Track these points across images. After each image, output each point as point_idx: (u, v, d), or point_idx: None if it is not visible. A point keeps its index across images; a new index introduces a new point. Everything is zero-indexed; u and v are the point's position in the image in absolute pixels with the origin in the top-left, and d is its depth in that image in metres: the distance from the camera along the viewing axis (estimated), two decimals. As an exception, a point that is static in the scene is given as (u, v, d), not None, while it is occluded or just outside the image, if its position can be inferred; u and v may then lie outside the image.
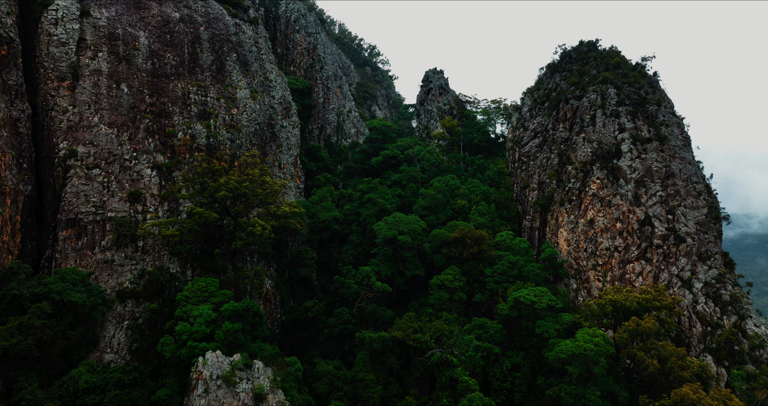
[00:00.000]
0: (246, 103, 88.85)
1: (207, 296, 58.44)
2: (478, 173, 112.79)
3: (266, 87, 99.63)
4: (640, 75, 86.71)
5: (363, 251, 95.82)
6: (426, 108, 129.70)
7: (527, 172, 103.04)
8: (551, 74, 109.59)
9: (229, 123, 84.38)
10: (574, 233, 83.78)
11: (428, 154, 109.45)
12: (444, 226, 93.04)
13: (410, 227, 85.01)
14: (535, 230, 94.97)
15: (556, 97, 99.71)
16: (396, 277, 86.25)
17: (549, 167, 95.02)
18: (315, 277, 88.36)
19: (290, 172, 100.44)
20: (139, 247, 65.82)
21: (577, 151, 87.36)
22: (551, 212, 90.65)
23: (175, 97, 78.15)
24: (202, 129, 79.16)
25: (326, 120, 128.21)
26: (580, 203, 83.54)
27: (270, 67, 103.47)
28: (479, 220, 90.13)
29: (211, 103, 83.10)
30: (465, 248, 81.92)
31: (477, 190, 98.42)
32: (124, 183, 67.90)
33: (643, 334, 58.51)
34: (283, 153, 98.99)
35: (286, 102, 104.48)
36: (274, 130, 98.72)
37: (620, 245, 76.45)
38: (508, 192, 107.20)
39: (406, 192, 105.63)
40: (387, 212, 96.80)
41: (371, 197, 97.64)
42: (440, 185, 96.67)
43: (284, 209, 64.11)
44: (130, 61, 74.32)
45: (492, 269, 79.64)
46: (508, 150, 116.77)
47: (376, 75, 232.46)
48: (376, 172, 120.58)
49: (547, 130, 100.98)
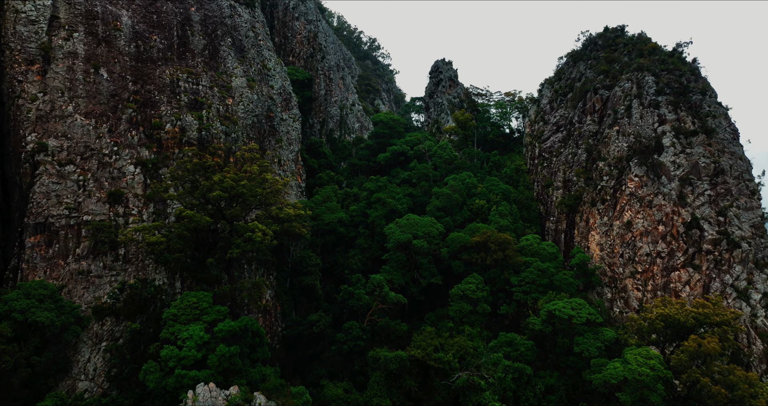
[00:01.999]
0: (242, 92, 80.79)
1: (198, 313, 50.46)
2: (494, 171, 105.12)
3: (264, 76, 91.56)
4: (679, 61, 79.19)
5: (372, 257, 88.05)
6: (436, 101, 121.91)
7: (550, 169, 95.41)
8: (574, 63, 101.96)
9: (224, 114, 76.32)
10: (609, 236, 76.20)
11: (440, 150, 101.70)
12: (462, 229, 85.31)
13: (426, 230, 77.23)
14: (561, 233, 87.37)
15: (582, 88, 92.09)
16: (410, 286, 78.47)
17: (576, 164, 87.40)
18: (320, 286, 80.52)
19: (291, 170, 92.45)
20: (120, 255, 57.72)
21: (609, 146, 79.76)
22: (580, 213, 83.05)
23: (163, 85, 70.02)
24: (193, 121, 71.12)
25: (328, 113, 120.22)
26: (615, 204, 75.95)
27: (268, 55, 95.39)
28: (501, 222, 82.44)
29: (204, 92, 75.04)
30: (488, 253, 74.21)
31: (496, 189, 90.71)
32: (102, 182, 59.76)
33: (707, 356, 50.96)
34: (283, 148, 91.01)
35: (286, 93, 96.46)
36: (274, 124, 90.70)
37: (663, 251, 68.90)
38: (528, 191, 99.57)
39: (417, 191, 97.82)
40: (398, 213, 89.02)
41: (380, 197, 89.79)
42: (456, 184, 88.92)
43: (287, 211, 56.23)
44: (111, 43, 66.13)
45: (519, 278, 71.95)
46: (526, 146, 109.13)
47: (376, 69, 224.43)
48: (383, 169, 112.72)
49: (572, 123, 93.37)
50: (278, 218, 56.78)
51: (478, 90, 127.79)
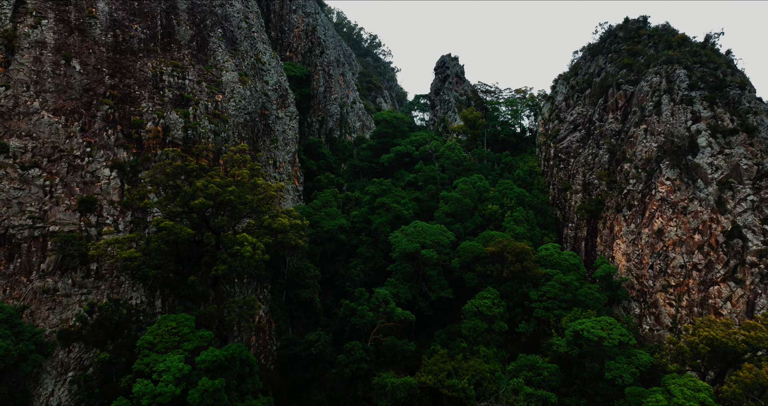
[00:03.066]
0: (234, 88, 74.30)
1: (178, 340, 43.95)
2: (506, 173, 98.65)
3: (258, 70, 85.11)
4: (713, 53, 72.72)
5: (375, 267, 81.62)
6: (442, 98, 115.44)
7: (567, 171, 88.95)
8: (592, 57, 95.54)
9: (213, 112, 69.84)
10: (636, 245, 69.72)
11: (448, 151, 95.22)
12: (475, 237, 78.91)
13: (435, 238, 70.73)
14: (581, 241, 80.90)
15: (602, 83, 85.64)
16: (418, 300, 71.99)
17: (597, 166, 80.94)
18: (318, 299, 74.05)
19: (287, 172, 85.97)
20: (91, 271, 51.18)
21: (636, 146, 73.28)
22: (603, 219, 76.56)
23: (144, 79, 63.52)
24: (178, 118, 64.64)
25: (328, 112, 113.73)
26: (644, 210, 69.48)
27: (263, 48, 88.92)
28: (516, 229, 75.96)
29: (190, 87, 68.55)
30: (504, 265, 67.75)
31: (510, 193, 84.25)
32: (72, 187, 53.23)
33: (766, 388, 44.50)
34: (278, 149, 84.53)
35: (282, 89, 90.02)
36: (268, 122, 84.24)
37: (700, 263, 62.44)
38: (543, 195, 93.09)
39: (424, 195, 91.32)
40: (404, 219, 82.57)
41: (384, 202, 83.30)
42: (466, 188, 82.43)
43: (282, 220, 49.71)
44: (85, 31, 59.61)
45: (539, 292, 65.46)
46: (540, 146, 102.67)
47: (378, 66, 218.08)
48: (387, 171, 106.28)
49: (592, 121, 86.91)
50: (271, 229, 50.28)
51: (486, 87, 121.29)
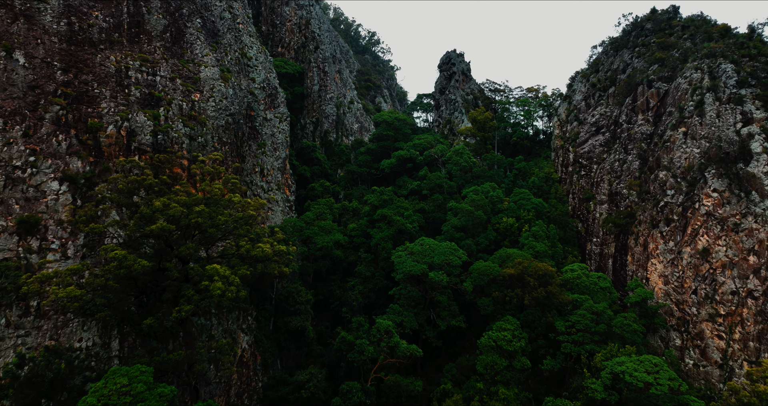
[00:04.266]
0: (214, 86, 65.53)
1: (130, 401, 35.07)
2: (519, 180, 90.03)
3: (244, 66, 76.41)
4: (762, 45, 64.15)
5: (376, 288, 72.98)
6: (448, 97, 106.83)
7: (589, 178, 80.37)
8: (615, 52, 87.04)
9: (188, 113, 61.08)
10: (676, 266, 61.11)
11: (456, 156, 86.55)
12: (488, 254, 70.37)
13: (444, 258, 62.02)
14: (608, 259, 72.29)
15: (630, 80, 77.11)
16: (424, 329, 63.32)
17: (626, 173, 72.39)
18: (311, 328, 65.30)
19: (276, 181, 77.23)
20: (31, 308, 42.36)
21: (673, 152, 64.70)
22: (635, 234, 67.95)
23: (105, 75, 54.74)
24: (147, 121, 55.90)
25: (323, 112, 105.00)
26: (685, 225, 60.87)
27: (249, 41, 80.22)
28: (536, 246, 67.30)
29: (162, 85, 59.80)
30: (526, 290, 59.09)
31: (527, 204, 75.64)
32: (10, 204, 44.41)
33: None
34: (266, 155, 75.80)
35: (271, 87, 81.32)
36: (255, 124, 75.53)
37: (757, 289, 53.87)
38: (561, 205, 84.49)
39: (430, 206, 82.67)
40: (407, 233, 73.92)
41: (385, 214, 74.59)
42: (478, 198, 73.75)
43: (263, 247, 40.88)
44: (33, 18, 50.83)
45: (566, 322, 56.79)
46: (556, 150, 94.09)
47: (377, 64, 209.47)
48: (388, 178, 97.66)
49: (618, 123, 78.36)
50: (250, 258, 41.52)
51: (495, 85, 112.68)
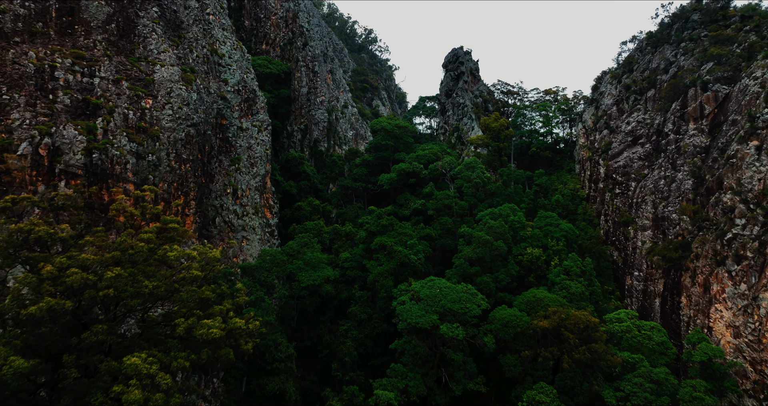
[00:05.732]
0: (171, 89, 53.44)
1: None
2: (541, 197, 78.16)
3: (214, 66, 64.42)
4: None
5: (374, 334, 61.16)
6: (455, 101, 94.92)
7: (626, 198, 68.63)
8: (653, 48, 75.42)
9: (136, 124, 48.99)
10: (750, 316, 49.28)
11: (468, 171, 74.65)
12: (511, 294, 58.52)
13: (460, 306, 50.04)
14: (654, 298, 60.48)
15: (676, 82, 65.46)
16: (434, 392, 51.27)
17: (676, 194, 60.63)
18: (293, 389, 53.13)
19: (253, 203, 65.15)
20: None
21: (742, 171, 52.89)
22: (690, 271, 56.10)
23: (20, 76, 42.76)
24: (78, 136, 43.94)
25: (312, 118, 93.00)
26: (763, 265, 49.03)
27: (222, 36, 68.24)
28: (571, 287, 55.40)
29: (102, 89, 47.80)
30: (563, 347, 47.22)
31: (555, 230, 63.82)
32: None
33: None
34: (241, 172, 63.77)
35: (248, 90, 69.32)
36: (227, 136, 63.52)
37: None
38: (591, 228, 72.76)
39: (437, 230, 70.78)
40: (411, 267, 62.07)
41: (385, 244, 62.65)
42: (496, 224, 61.81)
43: (211, 328, 28.59)
44: None
45: (618, 392, 44.82)
46: (581, 162, 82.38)
47: (374, 64, 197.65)
48: (387, 194, 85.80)
49: (662, 132, 66.65)
50: (192, 340, 29.42)
51: (507, 87, 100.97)
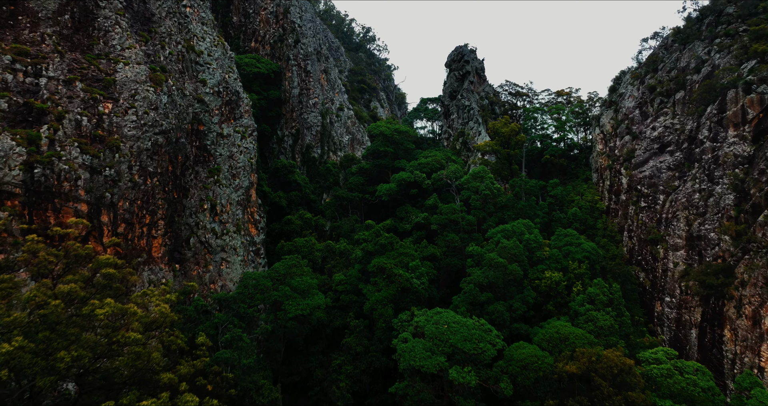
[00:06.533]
0: (137, 91, 46.42)
1: None
2: (556, 210, 71.19)
3: (191, 64, 57.43)
4: None
5: (371, 369, 54.41)
6: (461, 103, 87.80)
7: (654, 213, 61.75)
8: (682, 45, 68.60)
9: (91, 132, 42.01)
10: (812, 356, 42.20)
11: (476, 181, 67.60)
12: (529, 324, 51.68)
13: (472, 346, 43.11)
14: (690, 328, 53.56)
15: (712, 83, 58.64)
16: (442, 445, 44.16)
17: (714, 211, 53.71)
18: (277, 440, 46.07)
19: (235, 219, 58.11)
20: None
21: (797, 186, 45.86)
22: (735, 300, 49.18)
23: (-57, 76, 35.68)
24: (16, 147, 37.09)
25: (304, 122, 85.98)
26: (827, 297, 42.00)
27: (201, 31, 61.29)
28: (598, 318, 48.46)
29: (50, 90, 40.87)
30: (596, 397, 40.22)
31: (576, 251, 56.95)
32: None
33: None
34: (221, 185, 56.71)
35: (230, 92, 62.31)
36: (205, 143, 56.50)
37: None
38: (614, 246, 65.90)
39: (441, 247, 63.86)
40: (413, 293, 55.13)
41: (383, 266, 55.66)
42: (510, 245, 54.81)
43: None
44: None
45: (662, 453, 37.80)
46: (599, 170, 75.52)
47: (372, 63, 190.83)
48: (386, 205, 78.87)
49: (695, 139, 59.77)
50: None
51: (516, 87, 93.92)
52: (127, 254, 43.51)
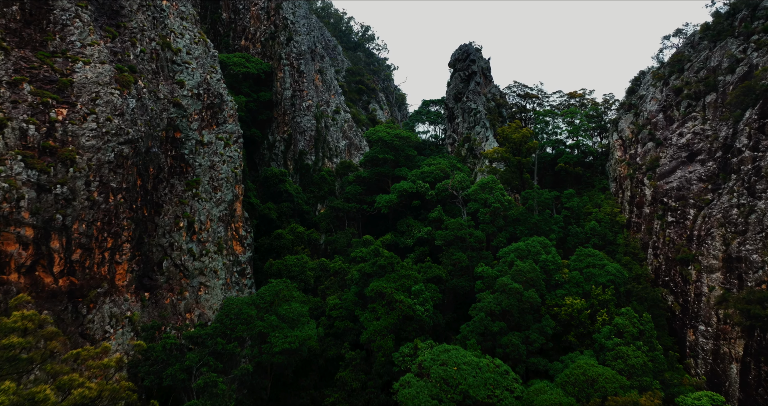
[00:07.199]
0: (98, 94, 40.47)
1: None
2: (572, 224, 65.20)
3: (167, 64, 51.40)
4: None
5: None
6: (467, 106, 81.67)
7: (683, 229, 55.80)
8: (711, 43, 62.69)
9: (40, 143, 36.01)
10: None
11: (485, 193, 61.59)
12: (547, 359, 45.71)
13: (486, 393, 37.09)
14: (729, 362, 47.60)
15: (751, 84, 52.68)
16: None
17: (756, 229, 47.85)
18: None
19: (216, 238, 52.06)
20: None
21: None
22: (785, 333, 43.06)
23: None
24: (-58, 163, 30.75)
25: (297, 126, 79.95)
26: None
27: (179, 26, 55.28)
28: (628, 356, 42.51)
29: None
30: (633, 459, 34.09)
31: (600, 274, 51.02)
32: None
33: None
34: (200, 199, 50.65)
35: (212, 95, 56.23)
36: (182, 152, 50.45)
37: None
38: (636, 264, 59.97)
39: (447, 266, 57.81)
40: (417, 322, 49.11)
41: (382, 290, 49.66)
42: (525, 267, 48.86)
43: None
44: None
45: None
46: (618, 179, 69.65)
47: (371, 63, 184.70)
48: (386, 218, 73.01)
49: (730, 147, 53.87)
50: None
51: (525, 89, 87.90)
52: (83, 284, 37.51)
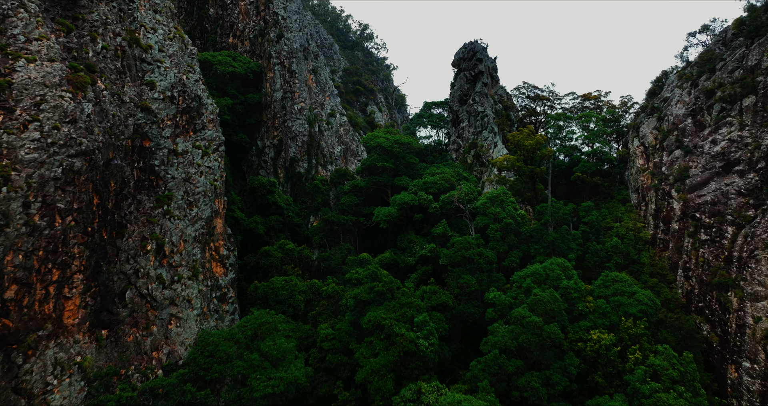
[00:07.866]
0: (43, 97, 34.21)
1: None
2: (591, 240, 59.02)
3: (135, 62, 45.15)
4: None
5: (364, 463, 41.79)
6: (473, 109, 75.43)
7: (719, 249, 49.72)
8: (748, 40, 56.65)
9: (-36, 158, 29.61)
10: None
11: (495, 206, 55.41)
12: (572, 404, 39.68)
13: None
14: (781, 406, 41.24)
15: (797, 86, 46.39)
16: None
17: (813, 253, 41.51)
18: None
19: (191, 261, 45.83)
20: None
21: None
22: None
23: None
24: None
25: (288, 131, 73.72)
26: None
27: (151, 19, 49.07)
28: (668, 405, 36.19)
29: None
30: None
31: (630, 304, 44.95)
32: None
33: None
34: (172, 217, 44.44)
35: (189, 97, 49.97)
36: (152, 164, 44.21)
37: None
38: (664, 286, 53.83)
39: (454, 290, 51.58)
40: (420, 358, 42.91)
41: (381, 323, 43.49)
42: (546, 297, 42.68)
43: None
44: None
45: None
46: (641, 190, 63.55)
47: (369, 63, 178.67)
48: (384, 232, 66.74)
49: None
50: None
51: (535, 90, 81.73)
52: (19, 327, 31.36)
